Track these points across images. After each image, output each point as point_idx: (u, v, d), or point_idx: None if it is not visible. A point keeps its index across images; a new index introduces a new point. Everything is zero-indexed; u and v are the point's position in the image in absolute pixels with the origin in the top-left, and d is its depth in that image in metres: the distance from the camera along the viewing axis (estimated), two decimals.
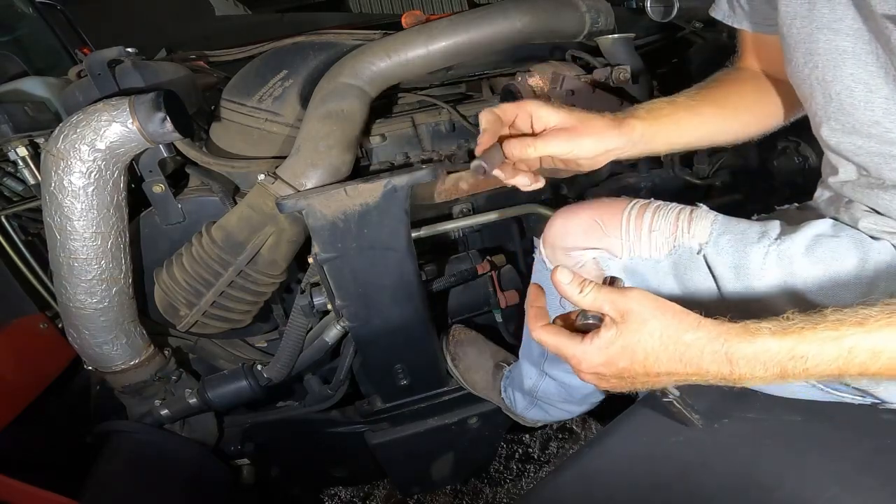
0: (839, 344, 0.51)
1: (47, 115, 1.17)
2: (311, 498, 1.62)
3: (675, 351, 0.56)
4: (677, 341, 0.56)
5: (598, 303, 0.59)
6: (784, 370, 0.53)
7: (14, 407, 1.10)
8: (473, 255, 1.27)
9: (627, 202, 0.80)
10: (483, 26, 1.03)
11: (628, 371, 0.58)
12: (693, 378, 0.57)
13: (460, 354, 1.29)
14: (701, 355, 0.55)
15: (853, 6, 0.58)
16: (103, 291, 1.04)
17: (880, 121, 0.61)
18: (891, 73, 0.58)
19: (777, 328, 0.53)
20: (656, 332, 0.56)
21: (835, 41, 0.61)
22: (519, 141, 0.69)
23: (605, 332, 0.58)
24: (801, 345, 0.52)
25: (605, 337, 0.57)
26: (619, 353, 0.57)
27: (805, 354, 0.52)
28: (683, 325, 0.56)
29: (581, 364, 0.59)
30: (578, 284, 0.59)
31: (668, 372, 0.57)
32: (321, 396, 1.30)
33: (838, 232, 0.68)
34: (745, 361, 0.54)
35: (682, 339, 0.55)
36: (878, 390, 0.66)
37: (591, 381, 0.61)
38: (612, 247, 0.79)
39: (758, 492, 0.66)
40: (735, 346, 0.54)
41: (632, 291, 0.58)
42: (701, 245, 0.73)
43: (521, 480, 1.60)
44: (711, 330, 0.55)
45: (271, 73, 1.14)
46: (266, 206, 1.03)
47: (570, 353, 0.60)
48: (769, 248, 0.69)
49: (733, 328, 0.55)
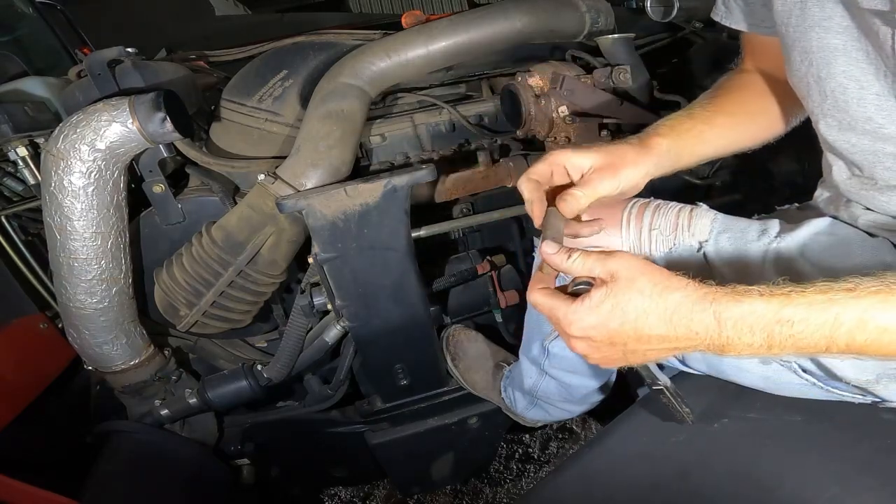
0: (826, 309, 0.51)
1: (47, 115, 1.17)
2: (311, 498, 1.62)
3: (664, 309, 0.56)
4: (667, 299, 0.56)
5: (586, 266, 0.59)
6: (771, 336, 0.53)
7: (14, 407, 1.10)
8: (473, 255, 1.27)
9: (627, 201, 0.80)
10: (483, 26, 1.03)
11: (619, 334, 0.57)
12: (684, 344, 0.57)
13: (460, 354, 1.29)
14: (690, 315, 0.55)
15: (841, 3, 0.59)
16: (103, 291, 1.04)
17: (873, 117, 0.61)
18: (881, 70, 0.58)
19: (765, 290, 0.54)
20: (646, 289, 0.56)
21: (826, 38, 0.61)
22: (570, 196, 0.69)
23: (595, 291, 0.58)
24: (787, 307, 0.52)
25: (596, 296, 0.57)
26: (609, 313, 0.57)
27: (791, 318, 0.52)
28: (672, 283, 0.56)
29: (572, 326, 0.59)
30: (565, 253, 0.60)
31: (658, 335, 0.57)
32: (321, 396, 1.30)
33: (837, 230, 0.68)
34: (733, 323, 0.53)
35: (671, 297, 0.55)
36: (877, 388, 0.66)
37: (582, 349, 0.61)
38: (611, 245, 0.79)
39: (758, 492, 0.66)
40: (723, 306, 0.54)
41: (619, 253, 0.58)
42: (701, 243, 0.73)
43: (521, 480, 1.60)
44: (699, 289, 0.55)
45: (271, 73, 1.14)
46: (266, 206, 1.03)
47: (562, 314, 0.59)
48: (769, 246, 0.69)
49: (721, 289, 0.55)
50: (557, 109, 1.13)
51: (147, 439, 1.21)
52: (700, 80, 1.46)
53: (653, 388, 0.71)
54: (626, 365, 0.62)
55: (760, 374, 0.75)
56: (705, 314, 0.54)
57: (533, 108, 1.15)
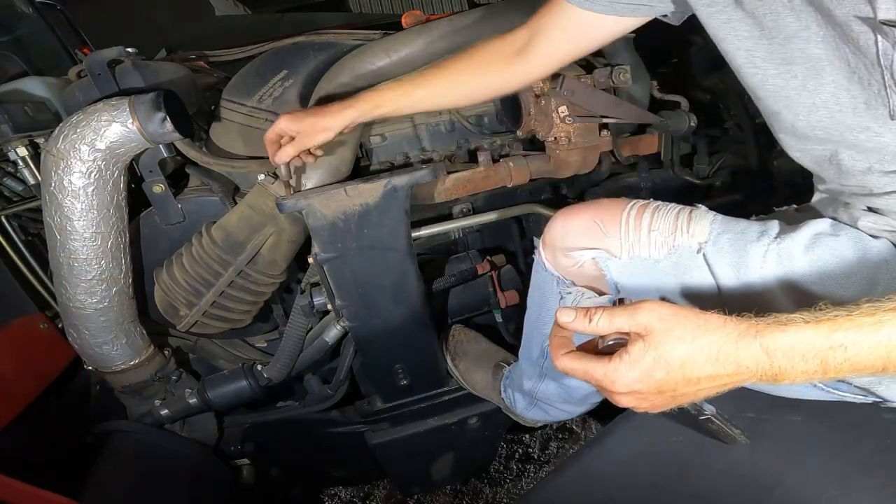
0: (877, 330, 0.49)
1: (47, 115, 1.17)
2: (311, 498, 1.62)
3: (709, 351, 0.53)
4: (710, 341, 0.53)
5: (614, 324, 0.56)
6: (825, 362, 0.51)
7: (14, 407, 1.10)
8: (473, 255, 1.27)
9: (627, 203, 0.80)
10: (483, 26, 1.03)
11: (667, 383, 0.55)
12: (734, 379, 0.55)
13: (460, 354, 1.29)
14: (736, 351, 0.53)
15: (817, 12, 0.58)
16: (103, 291, 1.04)
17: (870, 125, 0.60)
18: (864, 79, 0.58)
19: (810, 317, 0.51)
20: (686, 336, 0.54)
21: (808, 49, 0.60)
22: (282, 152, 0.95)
23: (632, 347, 0.55)
24: (837, 333, 0.50)
25: (635, 352, 0.55)
26: (652, 366, 0.54)
27: (844, 343, 0.50)
28: (710, 324, 0.54)
29: (615, 384, 0.56)
30: (585, 316, 0.57)
31: (708, 375, 0.54)
32: (321, 396, 1.30)
33: (837, 231, 0.68)
34: (783, 353, 0.51)
35: (714, 338, 0.53)
36: (879, 388, 0.66)
37: (630, 403, 0.58)
38: (611, 247, 0.79)
39: (758, 492, 0.66)
40: (769, 338, 0.52)
41: (644, 303, 0.56)
42: (700, 244, 0.73)
43: (521, 480, 1.59)
44: (740, 323, 0.53)
45: (271, 73, 1.14)
46: (266, 206, 1.03)
47: (601, 375, 0.56)
48: (769, 247, 0.69)
49: (762, 321, 0.53)
50: (557, 109, 1.13)
51: (147, 439, 1.21)
52: (700, 80, 1.47)
53: (700, 419, 0.70)
54: (676, 406, 0.59)
55: None
56: (752, 348, 0.52)
57: (533, 107, 1.15)
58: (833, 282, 0.65)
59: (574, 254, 0.82)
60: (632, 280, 0.78)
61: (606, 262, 0.79)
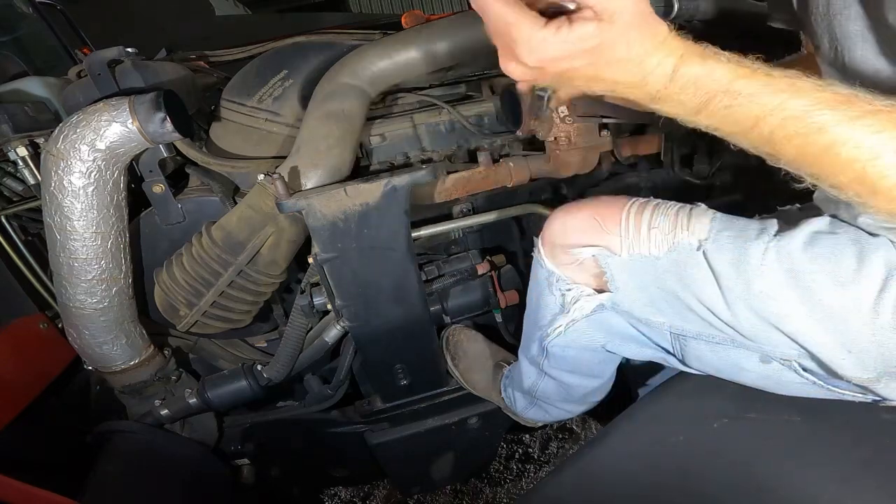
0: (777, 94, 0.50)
1: (47, 115, 1.17)
2: (311, 498, 1.62)
3: (636, 60, 0.51)
4: (644, 50, 0.51)
5: None
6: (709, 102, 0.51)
7: (14, 406, 1.10)
8: (473, 255, 1.27)
9: (627, 200, 0.80)
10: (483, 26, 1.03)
11: (576, 72, 0.52)
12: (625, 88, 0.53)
13: (460, 354, 1.29)
14: (655, 67, 0.52)
15: None
16: (103, 291, 1.04)
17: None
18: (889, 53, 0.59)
19: (733, 58, 0.51)
20: (636, 40, 0.50)
21: (846, 26, 0.62)
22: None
23: (581, 26, 0.49)
24: (741, 80, 0.50)
25: (580, 32, 0.49)
26: (583, 54, 0.50)
27: (740, 91, 0.50)
28: (654, 41, 0.51)
29: (529, 54, 0.51)
30: None
31: (612, 79, 0.52)
32: (321, 396, 1.30)
33: (836, 228, 0.69)
34: (685, 81, 0.51)
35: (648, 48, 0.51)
36: (878, 387, 0.66)
37: (519, 73, 0.53)
38: (611, 244, 0.79)
39: (758, 492, 0.66)
40: (687, 65, 0.51)
41: None
42: (701, 241, 0.73)
43: (521, 480, 1.60)
44: (676, 46, 0.52)
45: (271, 73, 1.14)
46: (266, 205, 1.03)
47: (524, 36, 0.50)
48: (769, 245, 0.69)
49: (691, 49, 0.52)
50: (557, 109, 1.13)
51: (147, 439, 1.21)
52: None
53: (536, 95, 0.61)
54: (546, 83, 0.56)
55: (760, 372, 0.75)
56: (665, 67, 0.51)
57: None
58: (832, 279, 0.65)
59: (574, 250, 0.82)
60: (632, 277, 0.79)
61: (606, 260, 0.79)
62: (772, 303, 0.68)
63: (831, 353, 0.66)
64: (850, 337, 0.64)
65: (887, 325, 0.62)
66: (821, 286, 0.65)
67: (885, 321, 0.62)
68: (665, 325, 0.80)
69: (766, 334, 0.70)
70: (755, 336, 0.71)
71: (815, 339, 0.67)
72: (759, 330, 0.70)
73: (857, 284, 0.64)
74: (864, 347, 0.64)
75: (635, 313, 0.82)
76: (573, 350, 0.94)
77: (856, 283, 0.64)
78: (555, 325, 0.90)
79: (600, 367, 0.99)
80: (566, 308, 0.88)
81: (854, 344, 0.64)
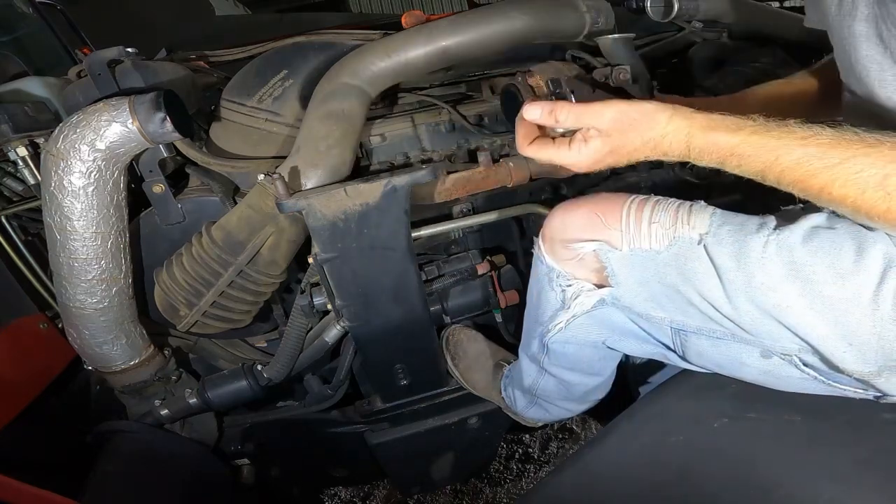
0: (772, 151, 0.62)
1: (47, 115, 1.17)
2: (311, 498, 1.62)
3: (651, 146, 0.68)
4: (656, 140, 0.68)
5: (581, 122, 0.70)
6: (722, 162, 0.65)
7: (14, 406, 1.10)
8: (473, 255, 1.27)
9: (627, 196, 0.80)
10: (483, 26, 1.03)
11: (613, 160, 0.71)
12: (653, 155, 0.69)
13: (460, 354, 1.29)
14: (670, 146, 0.67)
15: None
16: (103, 291, 1.04)
17: (892, 96, 0.65)
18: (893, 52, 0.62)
19: (732, 125, 0.64)
20: (638, 137, 0.68)
21: (853, 26, 0.66)
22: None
23: (594, 142, 0.69)
24: (742, 146, 0.63)
25: (594, 146, 0.69)
26: (605, 155, 0.70)
27: (743, 153, 0.64)
28: (659, 126, 0.67)
29: (575, 168, 0.73)
30: (550, 113, 0.70)
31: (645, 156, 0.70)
32: (321, 396, 1.30)
33: (834, 223, 0.69)
34: (698, 150, 0.66)
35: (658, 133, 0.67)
36: (879, 381, 0.66)
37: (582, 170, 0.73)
38: (612, 239, 0.79)
39: (758, 492, 0.66)
40: (695, 138, 0.66)
41: (606, 109, 0.68)
42: (701, 235, 0.73)
43: (521, 480, 1.60)
44: (681, 127, 0.66)
45: (271, 73, 1.14)
46: (266, 205, 1.03)
47: (566, 162, 0.72)
48: (769, 238, 0.70)
49: (696, 121, 0.66)
50: None
51: (147, 439, 1.21)
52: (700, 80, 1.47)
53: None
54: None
55: (761, 368, 0.75)
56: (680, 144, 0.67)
57: None
58: (832, 272, 0.66)
59: (574, 245, 0.82)
60: (633, 271, 0.79)
61: (607, 254, 0.80)
62: (773, 295, 0.68)
63: (832, 345, 0.66)
64: (851, 329, 0.65)
65: (887, 317, 0.62)
66: (821, 278, 0.66)
67: (885, 312, 0.62)
68: (666, 320, 0.80)
69: (767, 327, 0.70)
70: (756, 329, 0.71)
71: (815, 332, 0.67)
72: (760, 323, 0.70)
73: (856, 276, 0.64)
74: (864, 339, 0.64)
75: (636, 308, 0.82)
76: (573, 346, 0.94)
77: (855, 275, 0.64)
78: (555, 321, 0.91)
79: (600, 365, 0.99)
80: (567, 304, 0.88)
81: (855, 336, 0.65)
